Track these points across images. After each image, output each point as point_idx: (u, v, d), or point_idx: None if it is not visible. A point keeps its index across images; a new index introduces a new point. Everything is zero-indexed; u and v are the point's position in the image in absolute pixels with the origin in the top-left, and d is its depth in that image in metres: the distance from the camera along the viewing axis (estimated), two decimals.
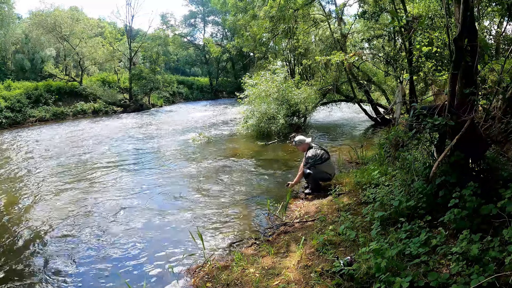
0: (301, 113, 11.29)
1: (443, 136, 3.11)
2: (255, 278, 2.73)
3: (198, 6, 38.33)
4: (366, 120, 12.24)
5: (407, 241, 2.56)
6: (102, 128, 14.17)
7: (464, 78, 2.83)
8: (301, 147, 5.28)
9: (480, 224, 2.45)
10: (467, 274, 1.98)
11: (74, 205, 5.12)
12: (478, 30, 3.21)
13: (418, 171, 3.36)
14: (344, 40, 11.81)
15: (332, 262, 2.66)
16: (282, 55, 20.07)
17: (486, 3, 6.38)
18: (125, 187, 5.94)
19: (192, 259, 3.39)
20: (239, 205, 4.80)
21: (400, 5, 7.72)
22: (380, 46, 11.24)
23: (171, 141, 10.36)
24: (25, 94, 18.07)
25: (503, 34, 6.65)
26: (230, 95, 32.32)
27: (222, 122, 14.54)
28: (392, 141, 5.11)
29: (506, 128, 3.25)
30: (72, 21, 22.35)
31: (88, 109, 20.21)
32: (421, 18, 6.45)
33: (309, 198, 4.79)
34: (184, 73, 42.08)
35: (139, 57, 25.84)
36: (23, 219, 4.68)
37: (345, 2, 12.35)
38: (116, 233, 4.12)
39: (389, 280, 2.11)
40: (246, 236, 3.83)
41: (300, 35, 14.27)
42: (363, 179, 4.62)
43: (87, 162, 8.03)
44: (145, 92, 23.71)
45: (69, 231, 4.21)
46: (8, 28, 23.30)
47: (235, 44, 27.97)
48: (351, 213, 3.63)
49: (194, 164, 7.27)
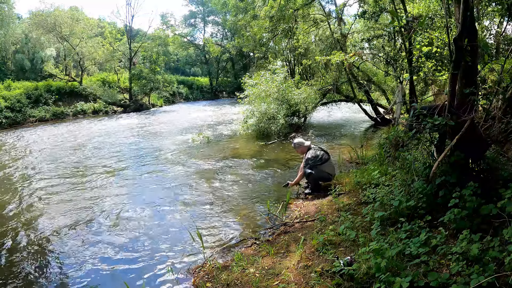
0: (301, 113, 11.29)
1: (443, 136, 3.11)
2: (255, 278, 2.72)
3: (198, 6, 38.33)
4: (366, 120, 12.24)
5: (407, 241, 2.56)
6: (102, 128, 14.17)
7: (464, 78, 2.83)
8: (299, 149, 5.27)
9: (480, 224, 2.45)
10: (467, 274, 1.98)
11: (73, 205, 5.12)
12: (478, 30, 3.21)
13: (418, 171, 3.36)
14: (344, 40, 11.81)
15: (332, 262, 2.65)
16: (282, 55, 20.07)
17: (486, 3, 6.38)
18: (124, 187, 5.94)
19: (192, 259, 3.39)
20: (239, 205, 4.80)
21: (400, 5, 7.72)
22: (380, 46, 11.23)
23: (171, 141, 10.36)
24: (25, 94, 18.06)
25: (503, 34, 6.65)
26: (230, 95, 32.35)
27: (222, 122, 14.53)
28: (392, 141, 5.11)
29: (506, 128, 3.25)
30: (72, 21, 22.34)
31: (88, 109, 20.21)
32: (421, 18, 6.45)
33: (309, 198, 4.79)
34: (184, 73, 42.07)
35: (139, 57, 25.82)
36: (22, 220, 4.67)
37: (345, 2, 12.34)
38: (115, 233, 4.12)
39: (389, 280, 2.11)
40: (246, 236, 3.83)
41: (300, 35, 14.27)
42: (363, 179, 4.62)
43: (87, 162, 8.03)
44: (145, 92, 23.71)
45: (67, 231, 4.21)
46: (8, 28, 23.28)
47: (235, 44, 27.99)
48: (351, 213, 3.63)
49: (194, 164, 7.27)
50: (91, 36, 24.39)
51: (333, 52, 9.38)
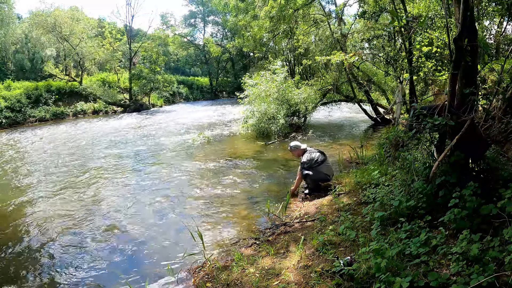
0: (301, 113, 11.28)
1: (443, 136, 3.11)
2: (255, 278, 2.72)
3: (198, 6, 38.30)
4: (366, 120, 12.24)
5: (407, 241, 2.56)
6: (102, 128, 14.17)
7: (464, 78, 2.83)
8: (296, 152, 5.28)
9: (480, 224, 2.45)
10: (467, 274, 1.98)
11: (73, 205, 5.12)
12: (478, 30, 3.20)
13: (418, 171, 3.36)
14: (344, 40, 11.80)
15: (332, 262, 2.65)
16: (282, 55, 20.07)
17: (486, 3, 6.38)
18: (124, 187, 5.94)
19: (192, 259, 3.39)
20: (239, 205, 4.80)
21: (400, 5, 7.71)
22: (380, 46, 11.22)
23: (171, 141, 10.35)
24: (25, 94, 18.07)
25: (503, 34, 6.65)
26: (230, 95, 32.34)
27: (222, 122, 14.53)
28: (392, 141, 5.11)
29: (506, 128, 3.25)
30: (72, 21, 22.33)
31: (88, 109, 20.21)
32: (421, 18, 6.45)
33: (309, 198, 4.79)
34: (184, 73, 42.06)
35: (139, 57, 25.81)
36: (22, 220, 4.68)
37: (345, 2, 12.34)
38: (116, 233, 4.12)
39: (389, 280, 2.11)
40: (246, 236, 3.83)
41: (300, 35, 14.27)
42: (363, 179, 4.62)
43: (86, 162, 8.03)
44: (145, 92, 23.70)
45: (68, 231, 4.21)
46: (8, 28, 23.31)
47: (235, 44, 27.99)
48: (351, 213, 3.63)
49: (194, 164, 7.27)
50: (91, 36, 24.38)
51: (333, 52, 9.37)
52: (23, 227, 4.41)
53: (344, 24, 13.21)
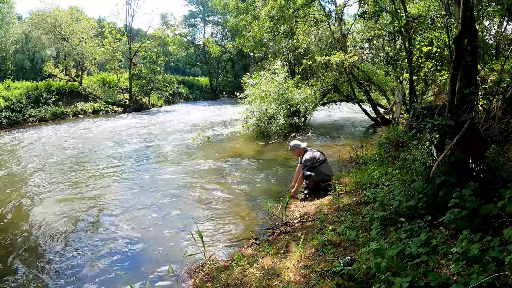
0: (301, 113, 11.28)
1: (443, 136, 3.11)
2: (255, 278, 2.72)
3: (198, 6, 38.30)
4: (366, 120, 12.24)
5: (407, 241, 2.56)
6: (102, 128, 14.16)
7: (464, 78, 2.83)
8: (296, 151, 5.25)
9: (480, 224, 2.45)
10: (467, 274, 1.98)
11: (72, 205, 5.12)
12: (478, 30, 3.21)
13: (418, 171, 3.36)
14: (344, 40, 11.80)
15: (332, 262, 2.65)
16: (282, 55, 20.06)
17: (486, 3, 6.39)
18: (124, 187, 5.94)
19: (192, 259, 3.39)
20: (239, 205, 4.80)
21: (400, 5, 7.71)
22: (380, 46, 11.24)
23: (171, 141, 10.35)
24: (25, 94, 18.05)
25: (503, 34, 6.65)
26: (230, 95, 32.32)
27: (222, 122, 14.53)
28: (392, 141, 5.12)
29: (506, 128, 3.25)
30: (72, 21, 22.31)
31: (88, 109, 20.20)
32: (421, 18, 6.45)
33: (309, 198, 4.79)
34: (184, 73, 42.07)
35: (139, 57, 25.80)
36: (22, 220, 4.68)
37: (345, 2, 12.32)
38: (116, 233, 4.12)
39: (389, 280, 2.11)
40: (246, 236, 3.83)
41: (300, 35, 14.25)
42: (363, 179, 4.62)
43: (87, 162, 8.03)
44: (145, 92, 23.69)
45: (67, 231, 4.21)
46: (8, 28, 23.31)
47: (235, 45, 27.97)
48: (351, 213, 3.63)
49: (194, 164, 7.27)
50: (91, 36, 24.36)
51: (333, 52, 9.37)
52: (23, 227, 4.40)
53: (344, 24, 13.19)
